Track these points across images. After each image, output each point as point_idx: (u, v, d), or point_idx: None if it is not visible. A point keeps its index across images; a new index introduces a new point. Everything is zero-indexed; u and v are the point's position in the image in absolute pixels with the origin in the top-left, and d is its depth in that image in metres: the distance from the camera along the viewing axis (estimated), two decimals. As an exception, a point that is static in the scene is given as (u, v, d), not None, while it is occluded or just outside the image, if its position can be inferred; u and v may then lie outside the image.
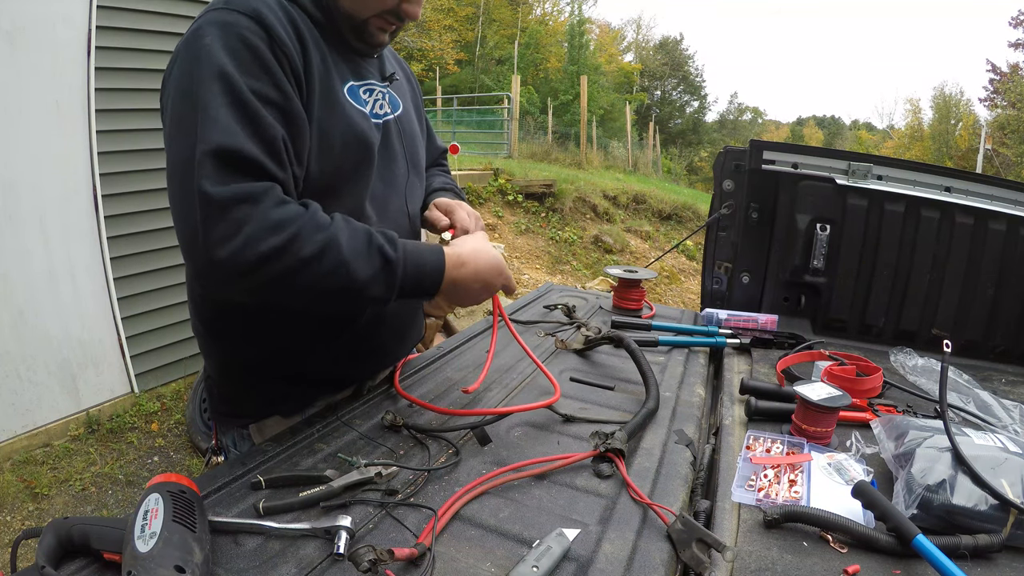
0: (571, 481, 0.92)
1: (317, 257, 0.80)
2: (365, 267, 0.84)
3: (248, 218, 0.76)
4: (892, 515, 0.78)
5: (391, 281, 0.87)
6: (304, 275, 0.80)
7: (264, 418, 1.11)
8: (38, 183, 2.94)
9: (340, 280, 0.82)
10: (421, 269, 0.91)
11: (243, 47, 0.82)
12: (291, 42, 0.87)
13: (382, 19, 0.99)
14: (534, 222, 8.16)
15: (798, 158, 1.81)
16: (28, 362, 2.99)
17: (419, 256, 0.91)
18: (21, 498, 2.77)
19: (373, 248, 0.85)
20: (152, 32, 3.25)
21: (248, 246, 0.76)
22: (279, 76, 0.84)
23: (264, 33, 0.84)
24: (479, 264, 0.98)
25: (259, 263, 0.77)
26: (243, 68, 0.81)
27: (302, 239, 0.79)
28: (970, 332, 1.71)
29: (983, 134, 17.31)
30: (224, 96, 0.79)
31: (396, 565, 0.70)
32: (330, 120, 0.94)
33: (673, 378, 1.37)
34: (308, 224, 0.80)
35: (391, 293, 0.88)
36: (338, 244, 0.81)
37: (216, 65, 0.80)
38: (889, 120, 35.65)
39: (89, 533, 0.68)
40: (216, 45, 0.81)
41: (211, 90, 0.79)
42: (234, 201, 0.76)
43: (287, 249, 0.78)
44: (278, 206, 0.79)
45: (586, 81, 14.81)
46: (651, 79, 35.88)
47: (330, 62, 0.97)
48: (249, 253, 0.76)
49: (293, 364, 1.07)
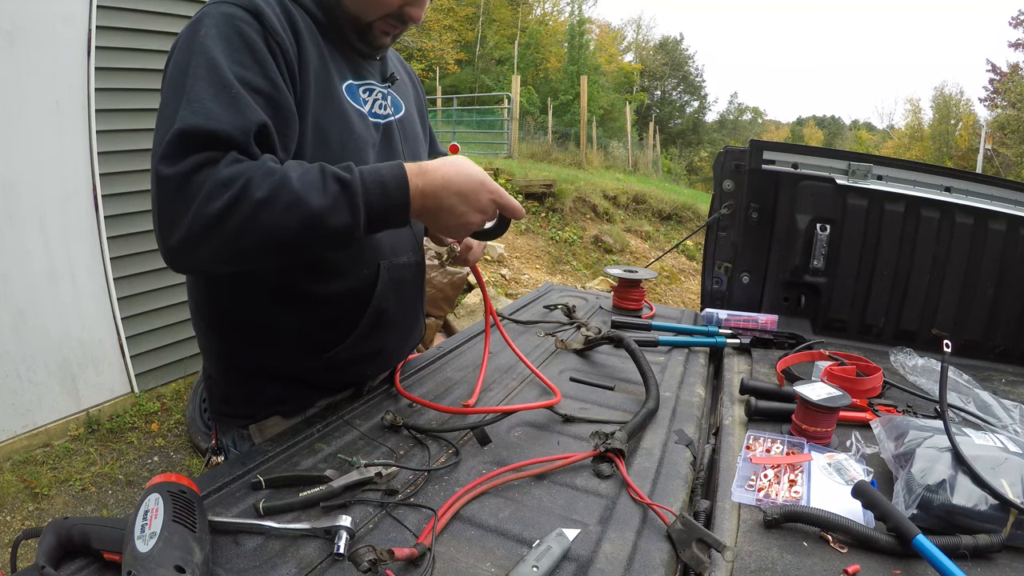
0: (571, 481, 0.92)
1: (270, 197, 0.77)
2: (320, 196, 0.79)
3: (205, 179, 0.76)
4: (892, 515, 0.78)
5: (353, 202, 0.81)
6: (262, 219, 0.77)
7: (264, 418, 1.10)
8: (38, 183, 2.94)
9: (299, 214, 0.78)
10: (383, 185, 0.83)
11: (237, 37, 0.83)
12: (287, 37, 0.88)
13: (385, 22, 1.00)
14: (534, 222, 8.16)
15: (798, 158, 1.81)
16: (28, 362, 2.99)
17: (377, 172, 0.84)
18: (21, 498, 2.77)
19: (327, 176, 0.81)
20: (152, 32, 3.25)
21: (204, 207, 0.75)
22: (270, 67, 0.84)
23: (259, 26, 0.85)
24: (447, 171, 0.86)
25: (218, 219, 0.76)
26: (234, 57, 0.81)
27: (253, 185, 0.77)
28: (970, 332, 1.71)
29: (983, 134, 17.32)
30: (208, 81, 0.79)
31: (396, 565, 0.70)
32: (326, 116, 0.95)
33: (673, 378, 1.37)
34: (258, 171, 0.78)
35: (357, 215, 0.82)
36: (288, 180, 0.78)
37: (207, 53, 0.80)
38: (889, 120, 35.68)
39: (89, 533, 0.68)
40: (211, 34, 0.82)
41: (197, 75, 0.79)
42: (192, 171, 0.76)
43: (241, 197, 0.76)
44: (232, 163, 0.78)
45: (586, 81, 14.79)
46: (651, 79, 35.88)
47: (328, 60, 0.97)
48: (205, 213, 0.75)
49: (294, 364, 1.07)
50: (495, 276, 6.17)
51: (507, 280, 6.23)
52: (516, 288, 6.11)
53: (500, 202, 0.91)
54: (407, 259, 1.15)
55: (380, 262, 1.07)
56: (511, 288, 6.08)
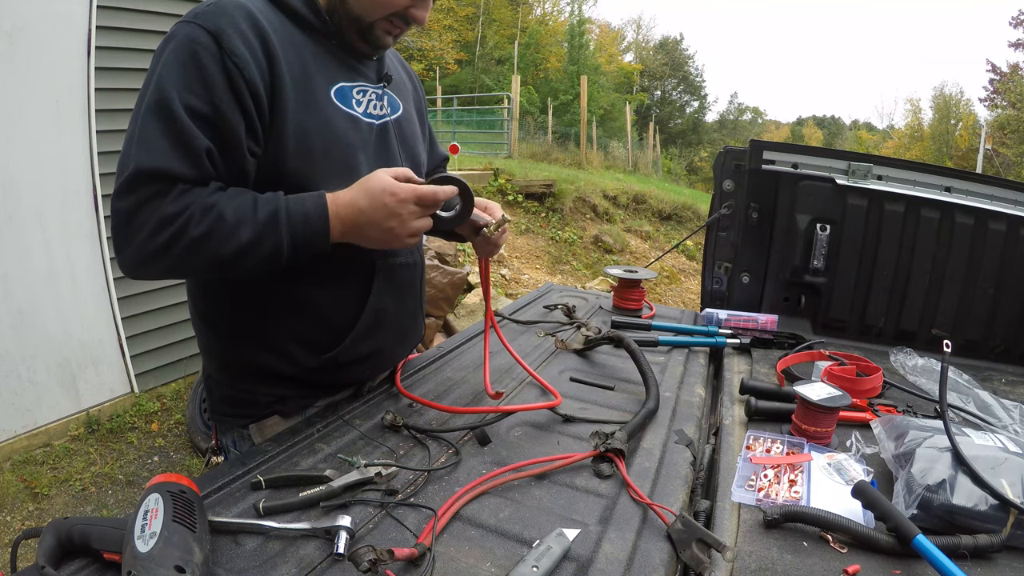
0: (571, 481, 0.92)
1: (206, 233, 0.86)
2: (250, 227, 0.88)
3: (151, 215, 0.85)
4: (892, 515, 0.78)
5: (277, 233, 0.89)
6: (199, 250, 0.87)
7: (264, 418, 1.10)
8: (38, 183, 2.94)
9: (232, 246, 0.88)
10: (305, 216, 0.91)
11: (191, 61, 0.87)
12: (250, 56, 0.89)
13: (389, 22, 1.00)
14: (534, 222, 8.16)
15: (798, 158, 1.81)
16: (28, 362, 2.99)
17: (301, 203, 0.92)
18: (21, 498, 2.77)
19: (259, 208, 0.90)
20: (152, 32, 3.25)
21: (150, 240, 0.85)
22: (218, 93, 0.87)
23: (217, 50, 0.87)
24: (355, 194, 0.93)
25: (159, 253, 0.86)
26: (184, 83, 0.86)
27: (192, 223, 0.85)
28: (970, 332, 1.71)
29: (983, 134, 17.30)
30: (158, 117, 0.86)
31: (396, 565, 0.70)
32: (309, 123, 0.95)
33: (673, 378, 1.37)
34: (198, 207, 0.86)
35: (281, 243, 0.90)
36: (223, 215, 0.87)
37: (160, 85, 0.86)
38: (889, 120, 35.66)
39: (89, 533, 0.69)
40: (169, 60, 0.87)
41: (150, 109, 0.86)
42: (140, 206, 0.85)
43: (181, 234, 0.85)
44: (179, 197, 0.86)
45: (586, 81, 14.79)
46: (651, 79, 35.87)
47: (313, 66, 0.97)
48: (150, 246, 0.86)
49: (294, 365, 1.07)
50: (495, 276, 6.17)
51: (507, 280, 6.24)
52: (516, 288, 6.11)
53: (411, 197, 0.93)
54: (404, 260, 1.15)
55: (376, 262, 1.07)
56: (511, 288, 6.08)
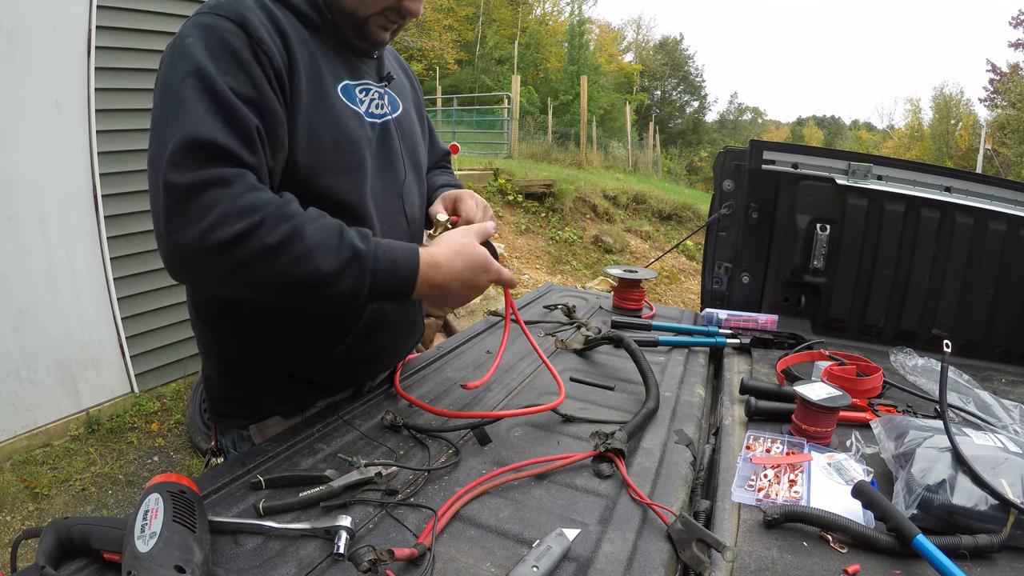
0: (571, 481, 0.92)
1: (281, 245, 0.78)
2: (331, 259, 0.81)
3: (218, 200, 0.76)
4: (892, 515, 0.78)
5: (361, 275, 0.83)
6: (266, 263, 0.78)
7: (264, 418, 1.10)
8: (38, 183, 2.94)
9: (305, 270, 0.80)
10: (394, 266, 0.86)
11: (222, 48, 0.84)
12: (274, 45, 0.89)
13: (383, 16, 1.00)
14: (534, 222, 8.16)
15: (798, 158, 1.81)
16: (28, 362, 2.99)
17: (391, 252, 0.87)
18: (21, 498, 2.77)
19: (344, 240, 0.83)
20: (152, 32, 3.25)
21: (213, 230, 0.75)
22: (256, 75, 0.85)
23: (245, 36, 0.86)
24: (456, 266, 0.91)
25: (222, 248, 0.76)
26: (220, 67, 0.83)
27: (266, 226, 0.77)
28: (970, 332, 1.71)
29: (983, 134, 17.31)
30: (199, 90, 0.80)
31: (396, 565, 0.70)
32: (319, 117, 0.95)
33: (673, 378, 1.36)
34: (276, 212, 0.79)
35: (361, 287, 0.84)
36: (303, 233, 0.79)
37: (195, 63, 0.81)
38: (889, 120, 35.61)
39: (89, 533, 0.69)
40: (198, 46, 0.83)
41: (187, 85, 0.80)
42: (203, 186, 0.76)
43: (251, 235, 0.76)
44: (249, 192, 0.79)
45: (586, 81, 14.80)
46: (651, 79, 35.86)
47: (321, 62, 0.97)
48: (213, 237, 0.75)
49: (294, 365, 1.07)
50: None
51: (507, 280, 6.22)
52: (516, 288, 6.10)
53: (499, 279, 1.00)
54: None
55: None
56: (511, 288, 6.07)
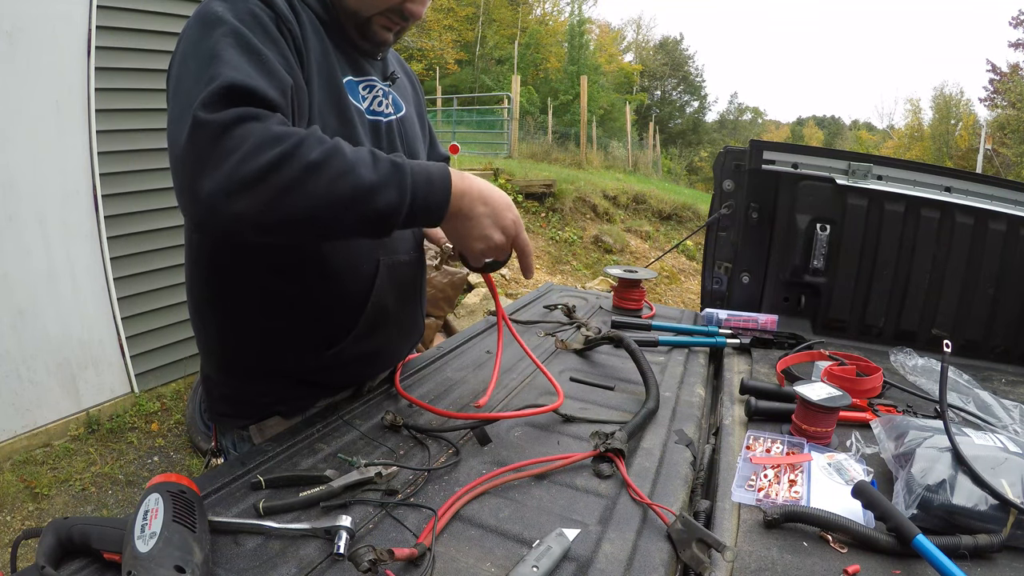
0: (571, 481, 0.92)
1: (323, 161, 0.75)
2: (372, 171, 0.79)
3: (253, 131, 0.73)
4: (892, 515, 0.78)
5: (403, 183, 0.80)
6: (311, 182, 0.75)
7: (264, 418, 1.10)
8: (38, 183, 2.94)
9: (349, 183, 0.76)
10: (430, 176, 0.83)
11: (252, 19, 0.85)
12: (295, 26, 0.91)
13: (386, 18, 1.00)
14: (534, 222, 8.16)
15: (798, 158, 1.81)
16: (28, 362, 2.99)
17: (424, 166, 0.85)
18: (21, 498, 2.77)
19: (379, 156, 0.81)
20: (152, 32, 3.25)
21: (248, 160, 0.72)
22: (285, 48, 0.87)
23: (271, 11, 0.88)
24: (483, 185, 0.90)
25: (261, 176, 0.72)
26: (255, 33, 0.83)
27: (306, 145, 0.75)
28: (970, 332, 1.71)
29: (983, 134, 17.30)
30: (236, 45, 0.79)
31: (396, 565, 0.70)
32: (327, 107, 0.96)
33: (673, 378, 1.36)
34: (312, 134, 0.77)
35: (404, 197, 0.80)
36: (342, 150, 0.78)
37: (230, 25, 0.81)
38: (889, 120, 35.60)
39: (89, 533, 0.68)
40: (228, 15, 0.83)
41: (224, 43, 0.78)
42: (237, 120, 0.73)
43: (293, 154, 0.73)
44: (282, 123, 0.77)
45: (586, 81, 14.79)
46: (651, 79, 35.86)
47: (332, 55, 0.98)
48: (251, 166, 0.72)
49: (294, 364, 1.07)
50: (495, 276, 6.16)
51: (507, 280, 6.23)
52: (516, 288, 6.11)
53: (519, 230, 0.94)
54: (407, 257, 1.15)
55: (379, 259, 1.07)
56: (511, 288, 6.08)
